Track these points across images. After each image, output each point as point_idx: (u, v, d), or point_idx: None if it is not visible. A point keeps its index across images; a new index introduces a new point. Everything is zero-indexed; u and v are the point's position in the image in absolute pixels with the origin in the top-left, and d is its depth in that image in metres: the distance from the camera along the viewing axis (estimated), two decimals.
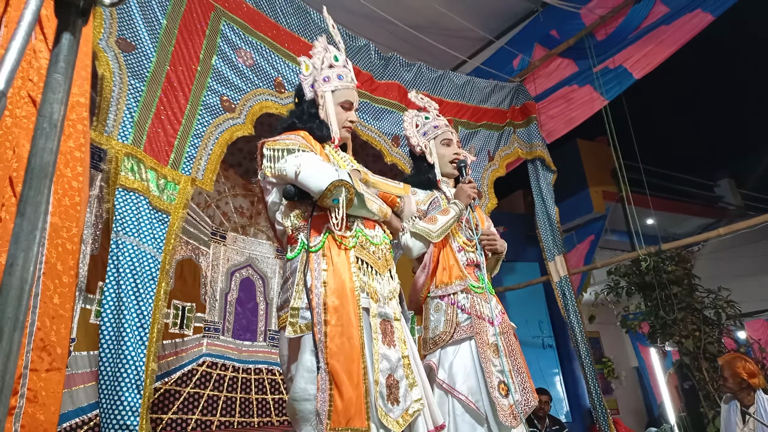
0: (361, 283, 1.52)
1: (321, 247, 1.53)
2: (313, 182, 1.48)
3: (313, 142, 1.69)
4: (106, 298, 2.18)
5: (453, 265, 2.15)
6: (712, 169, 9.69)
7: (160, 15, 2.68)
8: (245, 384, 4.42)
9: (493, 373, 1.97)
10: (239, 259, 4.82)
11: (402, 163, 3.75)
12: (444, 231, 2.13)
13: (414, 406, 1.47)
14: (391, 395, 1.45)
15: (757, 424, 3.02)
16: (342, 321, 1.43)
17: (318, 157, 1.55)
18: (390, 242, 1.72)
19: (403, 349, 1.55)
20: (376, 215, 1.64)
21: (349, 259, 1.53)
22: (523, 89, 4.84)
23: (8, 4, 1.41)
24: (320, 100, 1.77)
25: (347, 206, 1.51)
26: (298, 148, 1.57)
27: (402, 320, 1.65)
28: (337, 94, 1.79)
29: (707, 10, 3.74)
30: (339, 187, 1.46)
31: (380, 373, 1.45)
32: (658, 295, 4.78)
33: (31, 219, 0.51)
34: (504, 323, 2.13)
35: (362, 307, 1.50)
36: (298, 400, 1.44)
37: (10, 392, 0.50)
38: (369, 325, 1.50)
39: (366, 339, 1.47)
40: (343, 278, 1.48)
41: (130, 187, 2.35)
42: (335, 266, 1.50)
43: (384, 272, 1.63)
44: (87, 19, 0.57)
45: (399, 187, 1.77)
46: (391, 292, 1.63)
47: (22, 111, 1.40)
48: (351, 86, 1.82)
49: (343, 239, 1.54)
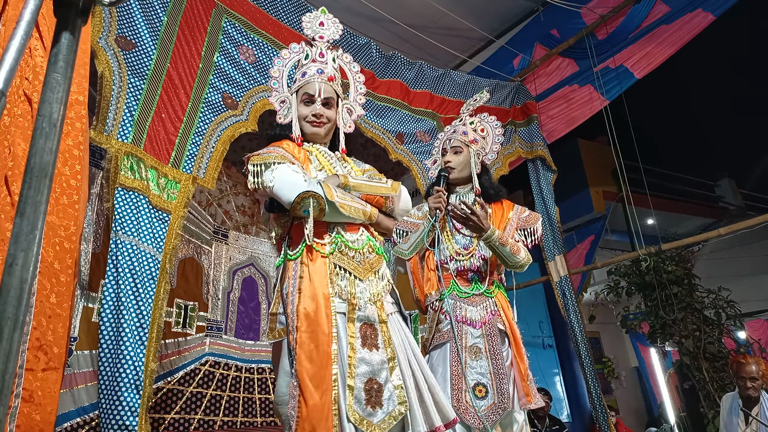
0: (338, 289, 1.53)
1: (299, 255, 1.55)
2: (283, 195, 1.50)
3: (294, 149, 1.68)
4: (105, 297, 2.18)
5: (432, 277, 2.25)
6: (712, 169, 9.69)
7: (161, 12, 2.67)
8: (248, 383, 4.41)
9: (468, 376, 2.03)
10: (241, 258, 4.82)
11: (406, 160, 3.74)
12: (414, 247, 2.24)
13: (398, 409, 1.46)
14: (372, 399, 1.44)
15: (759, 425, 3.02)
16: (312, 327, 1.45)
17: (291, 169, 1.54)
18: (375, 245, 1.67)
19: (388, 352, 1.53)
20: (358, 219, 1.62)
21: (326, 265, 1.54)
22: (523, 89, 4.84)
23: (6, 3, 1.40)
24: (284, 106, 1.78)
25: (320, 215, 1.51)
26: (273, 161, 1.57)
27: (392, 321, 1.62)
28: (300, 92, 1.75)
29: (708, 10, 3.74)
30: (306, 199, 1.47)
31: (357, 377, 1.44)
32: (658, 295, 4.78)
33: (31, 219, 0.51)
34: (489, 325, 2.13)
35: (338, 312, 1.51)
36: (278, 403, 1.48)
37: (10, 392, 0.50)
38: (345, 329, 1.50)
39: (341, 344, 1.48)
40: (316, 285, 1.50)
41: (129, 186, 2.34)
42: (311, 274, 1.52)
43: (366, 276, 1.60)
44: (86, 19, 0.57)
45: (385, 187, 1.69)
46: (376, 295, 1.59)
47: (18, 110, 1.40)
48: (312, 79, 1.73)
49: (320, 246, 1.56)
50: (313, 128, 1.74)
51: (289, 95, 1.78)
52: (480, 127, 2.43)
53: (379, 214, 1.67)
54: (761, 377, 3.18)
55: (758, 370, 3.19)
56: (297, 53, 1.82)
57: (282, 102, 1.79)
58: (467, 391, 1.99)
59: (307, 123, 1.74)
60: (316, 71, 1.74)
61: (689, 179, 8.92)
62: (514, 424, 2.05)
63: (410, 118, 3.92)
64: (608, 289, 5.45)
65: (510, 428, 2.05)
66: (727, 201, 9.36)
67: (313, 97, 1.72)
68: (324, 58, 1.78)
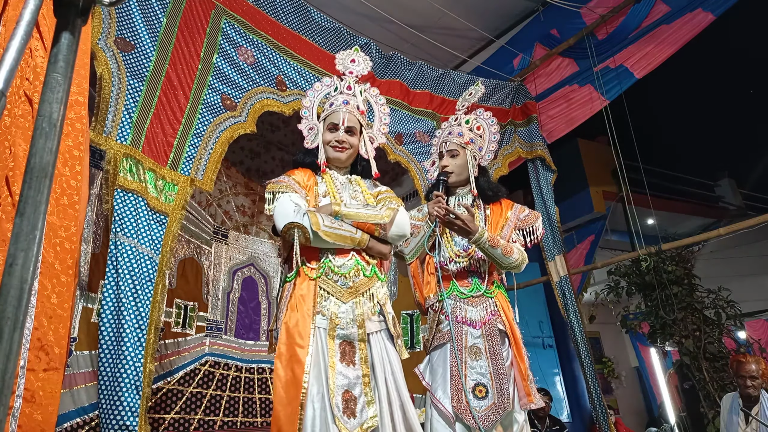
0: (321, 308, 1.70)
1: (294, 277, 1.76)
2: (277, 224, 1.71)
3: (304, 177, 1.85)
4: (105, 298, 2.18)
5: (432, 281, 2.26)
6: (712, 169, 9.69)
7: (160, 14, 2.67)
8: (248, 383, 4.41)
9: (469, 376, 2.03)
10: (241, 258, 4.82)
11: (405, 161, 3.73)
12: (415, 252, 2.27)
13: (369, 422, 1.61)
14: (348, 409, 1.60)
15: (759, 424, 3.02)
16: (289, 340, 1.64)
17: (289, 199, 1.71)
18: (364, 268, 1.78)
19: (363, 369, 1.68)
20: (346, 245, 1.75)
21: (311, 288, 1.72)
22: (523, 89, 4.84)
23: (7, 3, 1.40)
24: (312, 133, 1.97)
25: (306, 243, 1.69)
26: (279, 190, 1.76)
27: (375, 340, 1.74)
28: (326, 120, 1.94)
29: (708, 10, 3.74)
30: (292, 229, 1.66)
31: (337, 387, 1.61)
32: (658, 295, 4.78)
33: (31, 219, 0.51)
34: (489, 325, 2.12)
35: (320, 327, 1.68)
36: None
37: (11, 392, 0.50)
38: (326, 345, 1.66)
39: (325, 354, 1.65)
40: (301, 304, 1.69)
41: (128, 188, 2.34)
42: (300, 295, 1.71)
43: (349, 299, 1.73)
44: (86, 19, 0.57)
45: (376, 215, 1.79)
46: (359, 315, 1.72)
47: (18, 110, 1.40)
48: (338, 109, 1.91)
49: (309, 271, 1.75)
50: (335, 153, 1.90)
51: (317, 123, 1.97)
52: (476, 125, 2.41)
53: (371, 239, 1.79)
54: (761, 376, 3.18)
55: (758, 369, 3.19)
56: (328, 86, 2.01)
57: (310, 129, 1.98)
58: (467, 392, 1.99)
59: (330, 148, 1.90)
60: (342, 102, 1.93)
61: (689, 179, 8.93)
62: (514, 425, 2.04)
63: (410, 119, 3.92)
64: (608, 289, 5.45)
65: (510, 428, 2.04)
66: (727, 201, 9.36)
67: (338, 126, 1.89)
68: (351, 90, 1.98)
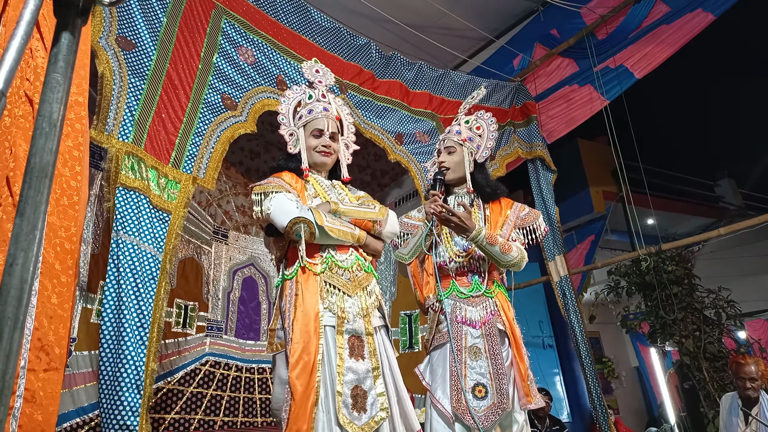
0: (328, 304, 1.70)
1: (294, 275, 1.74)
2: (278, 221, 1.70)
3: (291, 179, 1.86)
4: (106, 297, 2.18)
5: (431, 281, 2.25)
6: (712, 169, 9.68)
7: (161, 13, 2.67)
8: (248, 383, 4.42)
9: (468, 376, 2.03)
10: (241, 258, 4.83)
11: (405, 161, 3.74)
12: (414, 252, 2.26)
13: (380, 414, 1.63)
14: (357, 404, 1.60)
15: (759, 425, 3.02)
16: (303, 338, 1.62)
17: (286, 197, 1.72)
18: (363, 263, 1.82)
19: (373, 362, 1.69)
20: (347, 241, 1.78)
21: (317, 283, 1.71)
22: (523, 89, 4.83)
23: (7, 4, 1.40)
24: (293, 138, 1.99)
25: (311, 238, 1.70)
26: (272, 190, 1.75)
27: (378, 334, 1.78)
28: (307, 126, 1.96)
29: (708, 10, 3.74)
30: (298, 224, 1.66)
31: (345, 384, 1.61)
32: (658, 295, 4.78)
33: (31, 219, 0.51)
34: (488, 325, 2.12)
35: (327, 325, 1.68)
36: (275, 409, 1.65)
37: (11, 392, 0.50)
38: (334, 341, 1.67)
39: (330, 353, 1.65)
40: (308, 302, 1.67)
41: (130, 186, 2.34)
42: (304, 291, 1.69)
43: (354, 292, 1.75)
44: (86, 19, 0.57)
45: (373, 212, 1.86)
46: (364, 309, 1.75)
47: (19, 110, 1.40)
48: (320, 116, 1.95)
49: (312, 266, 1.73)
50: (322, 157, 1.94)
51: (296, 129, 1.98)
52: (476, 125, 2.42)
53: (367, 237, 1.85)
54: (760, 377, 3.18)
55: (757, 370, 3.19)
56: (299, 94, 2.04)
57: (290, 135, 1.99)
58: (467, 392, 1.98)
59: (316, 153, 1.93)
60: (322, 109, 1.97)
61: (689, 179, 8.92)
62: (514, 425, 2.04)
63: (410, 119, 3.92)
64: (608, 289, 5.44)
65: (510, 429, 2.04)
66: (727, 201, 9.36)
67: (323, 132, 1.93)
68: (326, 98, 2.03)
